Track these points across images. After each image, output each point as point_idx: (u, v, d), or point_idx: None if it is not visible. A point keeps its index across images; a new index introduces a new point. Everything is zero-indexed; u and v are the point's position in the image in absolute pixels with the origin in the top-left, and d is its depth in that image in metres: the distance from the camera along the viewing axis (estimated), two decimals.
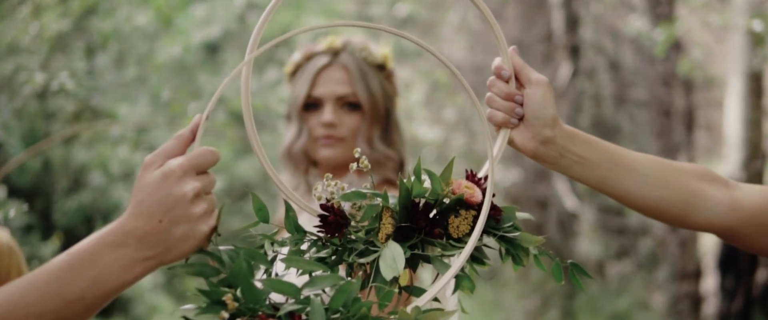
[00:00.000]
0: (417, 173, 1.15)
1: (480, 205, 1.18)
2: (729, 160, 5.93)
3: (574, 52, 6.04)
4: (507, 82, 1.28)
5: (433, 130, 6.28)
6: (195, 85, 5.97)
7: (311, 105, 2.14)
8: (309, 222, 1.21)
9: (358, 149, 1.17)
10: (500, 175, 6.48)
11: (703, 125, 7.01)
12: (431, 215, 1.17)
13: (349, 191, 1.15)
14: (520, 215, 1.23)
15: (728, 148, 6.09)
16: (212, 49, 6.51)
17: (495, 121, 1.27)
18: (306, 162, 2.16)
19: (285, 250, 1.15)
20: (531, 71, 1.27)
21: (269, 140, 5.59)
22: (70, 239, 6.01)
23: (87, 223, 6.24)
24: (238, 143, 5.96)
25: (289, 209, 1.14)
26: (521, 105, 1.27)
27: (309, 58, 2.17)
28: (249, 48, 1.14)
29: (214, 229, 1.06)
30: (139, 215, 1.03)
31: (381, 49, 2.17)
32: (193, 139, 1.08)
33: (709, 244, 6.79)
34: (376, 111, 2.13)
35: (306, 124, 2.15)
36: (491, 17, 1.26)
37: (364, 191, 1.16)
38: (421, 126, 6.43)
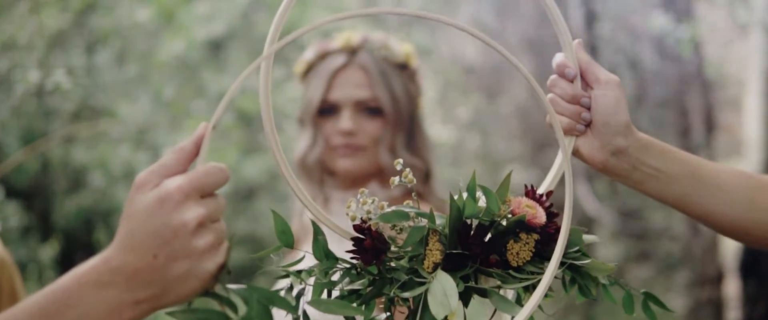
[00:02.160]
0: (471, 189, 0.96)
1: (544, 228, 0.99)
2: (749, 162, 5.75)
3: (592, 50, 5.87)
4: (571, 81, 1.09)
5: (446, 130, 6.10)
6: (198, 83, 5.80)
7: (327, 110, 1.93)
8: (335, 244, 1.02)
9: (400, 160, 0.99)
10: (513, 177, 6.28)
11: (721, 125, 6.83)
12: (486, 239, 0.99)
13: (389, 210, 0.97)
14: (587, 238, 1.04)
15: (748, 149, 5.92)
16: (216, 47, 6.34)
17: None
18: (321, 173, 1.96)
19: (311, 281, 0.96)
20: (599, 69, 1.08)
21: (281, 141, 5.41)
22: (69, 241, 5.87)
23: (86, 225, 6.08)
24: (244, 143, 5.79)
25: (318, 232, 0.95)
26: (588, 109, 1.08)
27: (323, 56, 1.96)
28: (269, 40, 0.95)
29: (223, 266, 0.86)
30: (129, 248, 0.83)
31: (402, 46, 1.97)
32: (196, 152, 0.87)
33: (730, 248, 6.62)
34: (399, 116, 1.92)
35: (321, 131, 1.94)
36: (552, 3, 1.07)
37: (408, 210, 0.97)
38: (433, 126, 6.24)
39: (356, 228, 0.97)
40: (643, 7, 5.84)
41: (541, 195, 1.02)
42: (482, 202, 0.98)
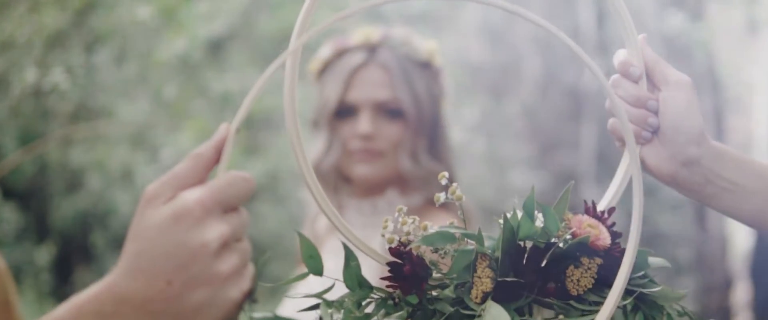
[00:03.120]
0: (528, 207, 0.84)
1: (607, 251, 0.86)
2: None
3: (603, 50, 5.75)
4: (636, 82, 0.96)
5: (452, 131, 5.98)
6: (199, 83, 5.69)
7: (344, 112, 1.79)
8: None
9: (445, 174, 0.86)
10: (520, 179, 6.17)
11: (730, 126, 6.72)
12: (542, 264, 0.86)
13: (432, 231, 0.84)
14: (654, 261, 0.92)
15: (756, 152, 5.83)
16: (216, 46, 6.23)
17: (619, 134, 0.96)
18: (336, 179, 1.82)
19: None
20: (668, 68, 0.96)
21: (282, 143, 5.30)
22: (66, 244, 5.77)
23: (83, 227, 5.98)
24: (244, 144, 5.68)
25: (350, 258, 0.82)
26: (656, 113, 0.95)
27: (340, 54, 1.80)
28: (295, 33, 0.82)
29: (249, 294, 0.73)
30: (137, 273, 0.69)
31: (426, 43, 1.83)
32: (217, 159, 0.74)
33: (740, 253, 6.52)
34: (421, 118, 1.78)
35: (337, 134, 1.79)
36: None
37: (453, 231, 0.84)
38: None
39: (393, 251, 0.84)
40: (654, 7, 5.73)
41: (603, 213, 0.90)
42: (539, 222, 0.85)
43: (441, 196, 0.86)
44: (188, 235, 0.70)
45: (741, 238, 6.56)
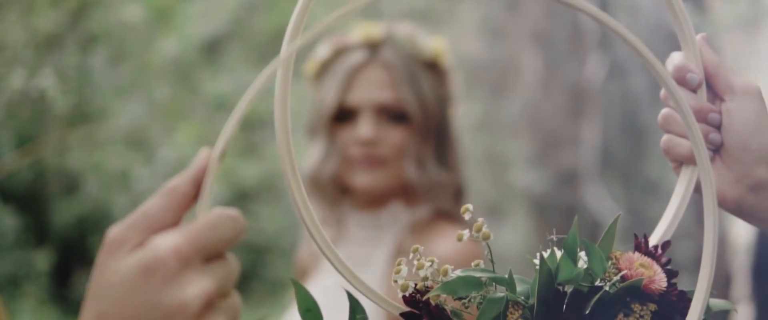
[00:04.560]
0: (570, 246, 0.69)
1: (664, 296, 0.72)
2: None
3: (607, 44, 5.63)
4: (694, 91, 0.81)
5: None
6: (193, 85, 5.61)
7: (343, 115, 1.64)
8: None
9: (470, 207, 0.72)
10: (521, 178, 6.04)
11: None
12: (586, 313, 0.72)
13: (454, 276, 0.69)
14: (717, 303, 0.77)
15: None
16: (211, 47, 6.14)
17: (675, 153, 0.81)
18: (335, 190, 1.68)
19: None
20: (733, 74, 0.81)
21: (271, 149, 5.20)
22: (66, 248, 5.72)
23: (81, 231, 5.90)
24: (241, 146, 5.58)
25: (356, 309, 0.68)
26: (718, 128, 0.80)
27: (339, 53, 1.66)
28: (287, 37, 0.68)
29: None
30: None
31: (432, 41, 1.68)
32: (196, 194, 0.59)
33: (740, 248, 6.42)
34: (427, 123, 1.63)
35: (336, 140, 1.65)
36: None
37: (479, 275, 0.70)
38: None
39: (408, 300, 0.70)
40: (658, 0, 5.61)
41: (656, 248, 0.75)
42: (582, 262, 0.71)
43: (464, 234, 0.71)
44: (162, 294, 0.55)
45: (741, 235, 6.48)
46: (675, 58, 0.81)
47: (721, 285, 6.09)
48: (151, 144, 5.61)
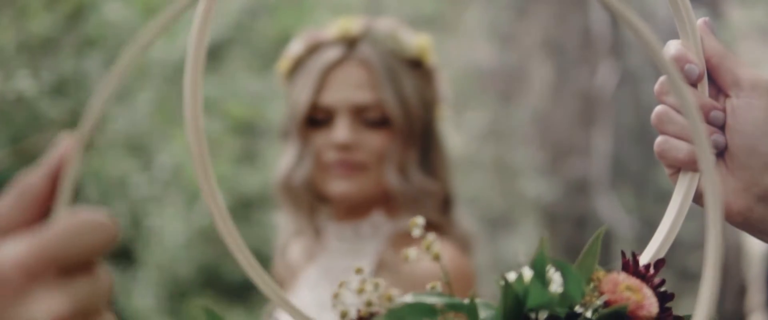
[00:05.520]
0: (538, 265, 0.56)
1: None
2: None
3: (618, 50, 5.50)
4: (695, 85, 0.68)
5: (459, 138, 5.73)
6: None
7: (318, 117, 1.51)
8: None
9: (418, 221, 0.59)
10: (530, 187, 5.91)
11: None
12: None
13: (402, 301, 0.57)
14: None
15: None
16: (212, 54, 6.06)
17: (671, 157, 0.67)
18: (311, 198, 1.54)
19: None
20: (739, 66, 0.67)
21: (272, 155, 5.09)
22: None
23: None
24: (238, 153, 5.47)
25: None
26: (722, 128, 0.67)
27: (314, 49, 1.52)
28: None
29: None
30: None
31: (415, 37, 1.54)
32: (52, 191, 0.49)
33: (755, 257, 6.30)
34: (410, 126, 1.49)
35: (310, 144, 1.51)
36: None
37: (433, 300, 0.57)
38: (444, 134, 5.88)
39: None
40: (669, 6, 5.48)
41: (647, 268, 0.62)
42: (556, 285, 0.58)
43: (410, 252, 0.59)
44: (4, 314, 0.44)
45: (755, 244, 6.38)
46: (672, 47, 0.68)
47: (737, 294, 5.96)
48: (150, 149, 5.52)
